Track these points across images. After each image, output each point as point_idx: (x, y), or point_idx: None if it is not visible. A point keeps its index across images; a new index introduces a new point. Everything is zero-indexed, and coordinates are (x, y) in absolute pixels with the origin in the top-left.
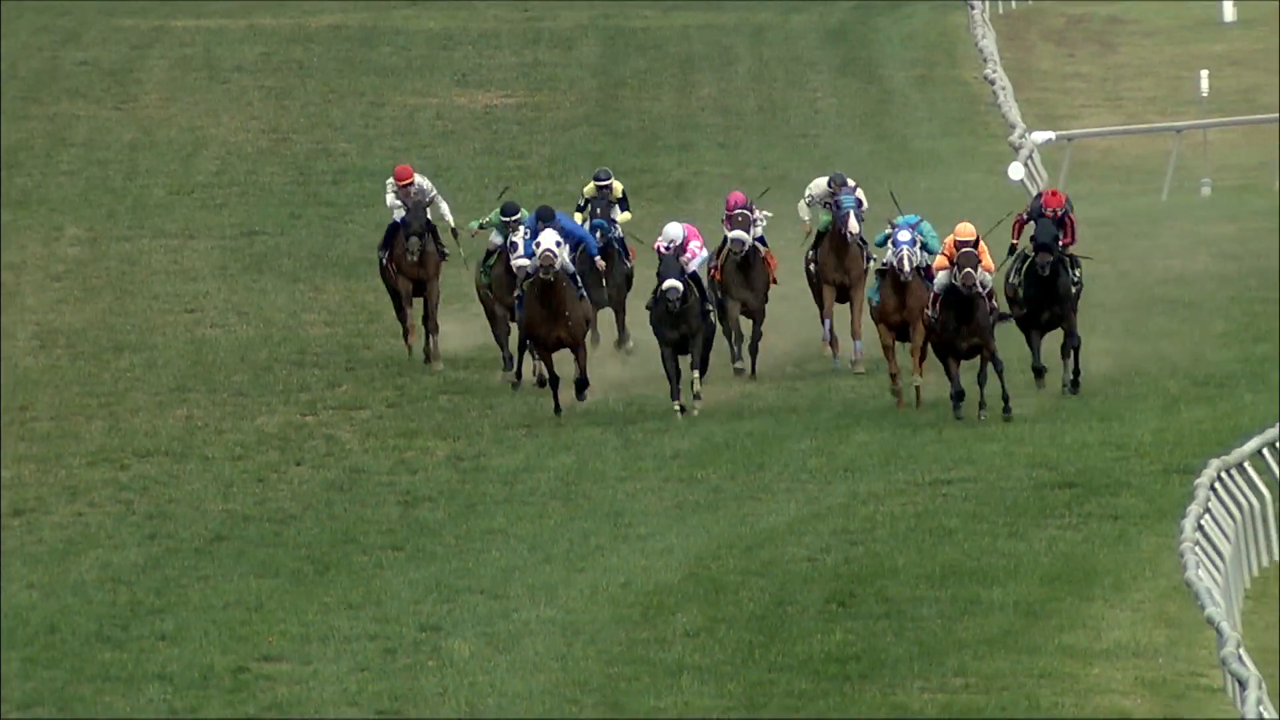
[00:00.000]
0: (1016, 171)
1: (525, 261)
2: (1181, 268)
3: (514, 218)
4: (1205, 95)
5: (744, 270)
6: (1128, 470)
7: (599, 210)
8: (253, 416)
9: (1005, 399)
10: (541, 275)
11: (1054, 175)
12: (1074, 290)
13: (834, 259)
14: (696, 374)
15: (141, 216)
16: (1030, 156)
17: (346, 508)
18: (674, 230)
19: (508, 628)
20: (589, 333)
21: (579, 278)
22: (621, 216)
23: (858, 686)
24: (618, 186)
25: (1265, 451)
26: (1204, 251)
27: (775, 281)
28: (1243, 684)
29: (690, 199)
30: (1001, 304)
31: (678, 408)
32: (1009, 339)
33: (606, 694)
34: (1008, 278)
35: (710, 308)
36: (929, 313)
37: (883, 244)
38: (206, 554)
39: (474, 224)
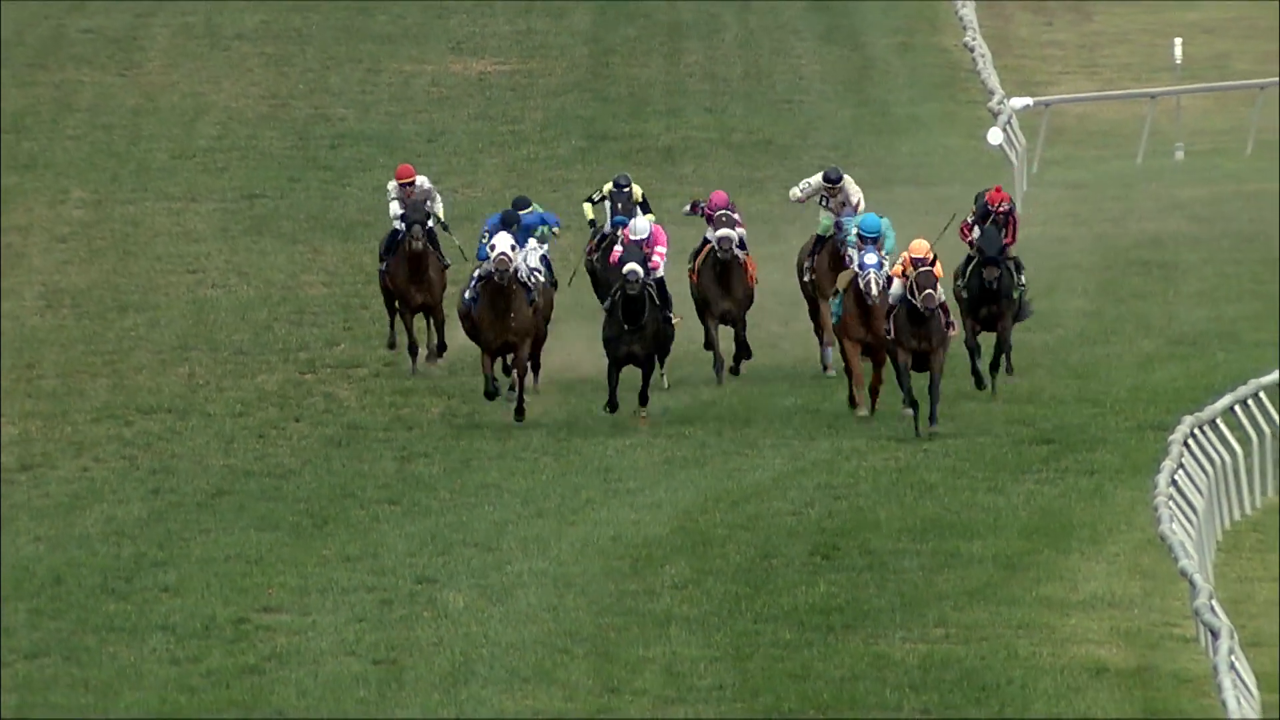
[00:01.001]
0: (995, 136)
1: (510, 254)
2: (1155, 230)
3: (525, 212)
4: (1179, 62)
5: (723, 278)
6: (1103, 426)
7: (619, 206)
8: (253, 374)
9: (932, 414)
10: (496, 279)
11: (1032, 140)
12: (1018, 295)
13: (833, 276)
14: (643, 409)
15: (145, 180)
16: (1009, 122)
17: (344, 463)
18: (642, 224)
19: (501, 580)
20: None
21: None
22: (647, 218)
23: (841, 637)
24: (638, 190)
25: (1263, 395)
26: (1177, 214)
27: (755, 281)
28: (1215, 634)
29: (678, 163)
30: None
31: (609, 410)
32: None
33: (597, 644)
34: (954, 283)
35: (671, 315)
36: (885, 326)
37: (843, 243)
38: (208, 508)
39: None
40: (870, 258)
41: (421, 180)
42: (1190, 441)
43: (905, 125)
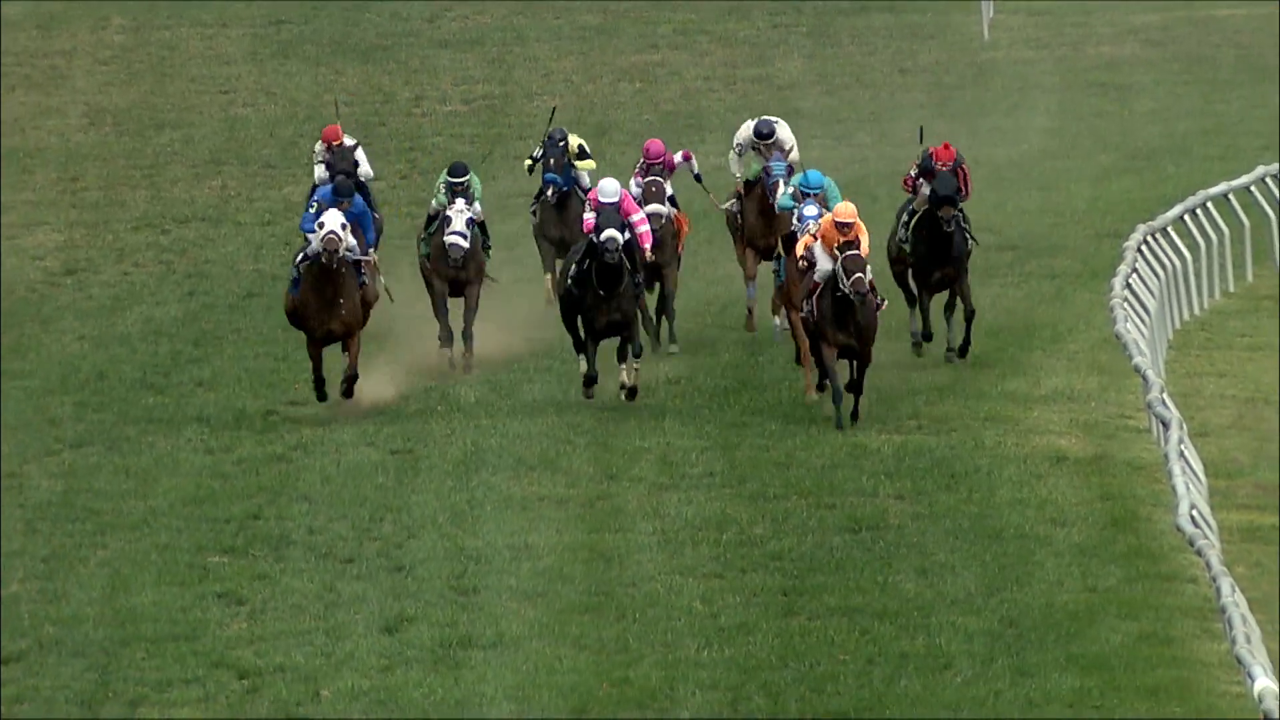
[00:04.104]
0: None
1: (340, 233)
2: (1112, 53)
3: (461, 179)
4: None
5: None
6: (1064, 234)
7: (552, 162)
8: (280, 186)
9: (855, 411)
10: (324, 260)
11: None
12: (968, 249)
13: (761, 222)
14: (634, 364)
15: (180, 7)
16: None
17: None
18: (610, 186)
19: (509, 377)
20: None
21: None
22: (585, 164)
23: (822, 428)
24: (574, 141)
25: (1210, 205)
26: (1132, 39)
27: (687, 232)
28: (1165, 425)
29: None
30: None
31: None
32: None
33: (597, 435)
34: (894, 233)
35: (640, 279)
36: (805, 305)
37: (789, 208)
38: (239, 309)
39: (435, 202)
40: (810, 209)
41: (349, 140)
42: (1143, 248)
43: None
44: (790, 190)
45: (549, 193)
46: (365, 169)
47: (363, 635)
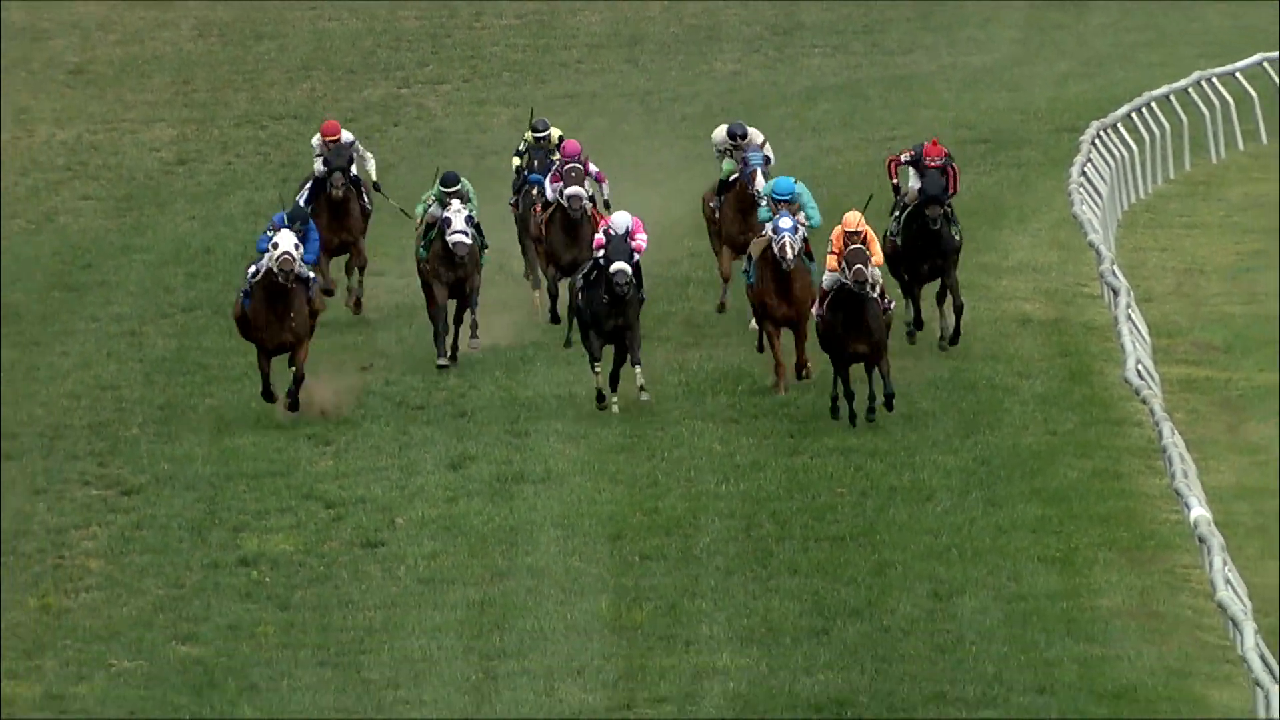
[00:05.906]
0: None
1: (294, 254)
2: None
3: (453, 189)
4: None
5: (570, 230)
6: (1029, 129)
7: (536, 162)
8: (360, 89)
9: (889, 397)
10: (280, 279)
11: None
12: (956, 243)
13: (738, 217)
14: (638, 369)
15: None
16: None
17: (431, 160)
18: (621, 219)
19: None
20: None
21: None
22: None
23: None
24: (555, 135)
25: (1154, 105)
26: None
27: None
28: (1116, 292)
29: None
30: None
31: (614, 404)
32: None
33: None
34: (886, 231)
35: (643, 296)
36: (816, 311)
37: (766, 219)
38: None
39: (419, 208)
40: (785, 221)
41: (347, 136)
42: (1097, 141)
43: None
44: (764, 202)
45: (535, 193)
46: (369, 169)
47: (431, 471)
